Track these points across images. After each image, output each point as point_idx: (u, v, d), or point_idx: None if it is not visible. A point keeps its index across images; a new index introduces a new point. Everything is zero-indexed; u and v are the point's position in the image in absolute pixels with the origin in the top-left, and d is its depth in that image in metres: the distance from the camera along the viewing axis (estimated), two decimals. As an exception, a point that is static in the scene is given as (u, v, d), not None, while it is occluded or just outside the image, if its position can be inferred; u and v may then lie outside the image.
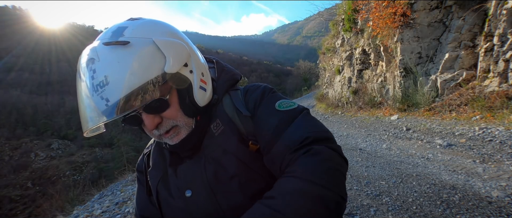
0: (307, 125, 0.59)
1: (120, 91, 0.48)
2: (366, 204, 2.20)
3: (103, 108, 0.49)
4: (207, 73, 0.67)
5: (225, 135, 0.64)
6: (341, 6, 8.38)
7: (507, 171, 2.16)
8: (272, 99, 0.65)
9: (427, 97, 4.49)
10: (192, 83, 0.60)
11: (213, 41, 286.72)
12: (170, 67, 0.53)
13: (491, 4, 3.62)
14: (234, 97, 0.69)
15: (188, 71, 0.60)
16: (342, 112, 7.53)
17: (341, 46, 8.32)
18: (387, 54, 5.62)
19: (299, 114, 0.62)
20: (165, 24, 0.62)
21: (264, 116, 0.63)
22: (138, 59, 0.50)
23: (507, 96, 3.23)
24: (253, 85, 0.72)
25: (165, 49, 0.54)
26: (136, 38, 0.52)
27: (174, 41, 0.57)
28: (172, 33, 0.60)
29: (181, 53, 0.58)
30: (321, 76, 12.19)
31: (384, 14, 5.06)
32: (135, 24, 0.56)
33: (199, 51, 0.70)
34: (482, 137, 2.92)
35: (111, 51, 0.50)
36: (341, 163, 0.54)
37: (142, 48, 0.52)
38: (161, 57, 0.53)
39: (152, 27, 0.57)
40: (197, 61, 0.63)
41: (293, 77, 47.52)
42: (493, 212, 1.72)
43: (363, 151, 3.65)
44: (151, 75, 0.51)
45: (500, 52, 3.39)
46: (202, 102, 0.63)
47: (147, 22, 0.59)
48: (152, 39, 0.53)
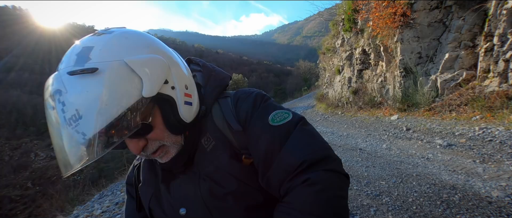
0: (303, 143, 0.54)
1: (95, 125, 0.43)
2: (366, 204, 2.20)
3: (82, 141, 0.44)
4: (192, 84, 0.61)
5: (216, 151, 0.60)
6: (341, 6, 8.38)
7: (507, 171, 2.16)
8: (265, 111, 0.60)
9: (427, 97, 4.49)
10: (175, 100, 0.54)
11: (213, 41, 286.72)
12: (149, 90, 0.48)
13: (491, 4, 3.62)
14: (224, 107, 0.64)
15: (170, 88, 0.53)
16: (342, 112, 7.53)
17: (341, 46, 8.32)
18: (387, 54, 5.62)
19: (294, 127, 0.57)
20: (137, 36, 0.54)
21: (257, 132, 0.58)
22: (110, 87, 0.44)
23: (507, 96, 3.23)
24: (244, 92, 0.66)
25: (140, 70, 0.48)
26: (105, 62, 0.46)
27: (149, 57, 0.51)
28: (146, 46, 0.53)
29: (160, 70, 0.51)
30: (321, 76, 12.19)
31: (384, 14, 5.06)
32: (102, 42, 0.49)
33: (180, 57, 0.63)
34: (482, 137, 2.92)
35: (78, 81, 0.44)
36: (341, 186, 0.52)
37: (114, 73, 0.45)
38: (136, 80, 0.47)
39: (122, 44, 0.50)
40: (178, 74, 0.56)
41: (293, 77, 47.55)
42: (493, 212, 1.72)
43: (363, 151, 3.65)
44: (127, 103, 0.46)
45: (500, 52, 3.39)
46: (189, 118, 0.58)
47: (116, 37, 0.51)
48: (124, 60, 0.47)
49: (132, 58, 0.48)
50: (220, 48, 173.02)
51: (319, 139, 0.57)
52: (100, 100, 0.43)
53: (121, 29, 0.54)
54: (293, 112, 0.61)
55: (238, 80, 22.55)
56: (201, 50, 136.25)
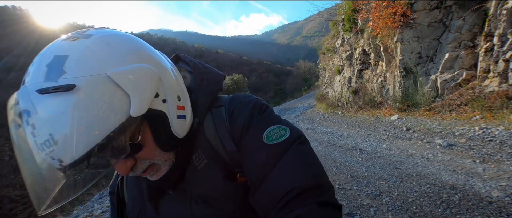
0: (296, 167, 0.49)
1: (74, 152, 0.37)
2: (366, 204, 2.20)
3: (58, 166, 0.38)
4: (184, 93, 0.54)
5: (209, 171, 0.55)
6: (341, 6, 8.38)
7: (507, 171, 2.16)
8: (260, 126, 0.54)
9: (427, 97, 4.49)
10: (167, 115, 0.48)
11: (213, 41, 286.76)
12: (138, 109, 0.41)
13: (491, 4, 3.62)
14: (217, 119, 0.57)
15: (161, 102, 0.47)
16: (342, 112, 7.53)
17: (341, 46, 8.32)
18: (387, 54, 5.62)
19: (290, 147, 0.51)
20: (120, 40, 0.45)
21: (250, 151, 0.53)
22: (92, 107, 0.37)
23: (507, 96, 3.23)
24: (240, 102, 0.59)
25: (126, 85, 0.40)
26: (84, 77, 0.38)
27: (136, 67, 0.43)
28: (131, 53, 0.45)
29: (149, 82, 0.44)
30: (321, 76, 12.19)
31: (384, 14, 5.05)
32: (79, 49, 0.40)
33: (168, 60, 0.55)
34: (482, 137, 2.92)
35: (51, 101, 0.36)
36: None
37: (95, 90, 0.38)
38: (123, 97, 0.40)
39: (103, 52, 0.41)
40: (170, 84, 0.49)
41: (293, 77, 47.54)
42: (493, 212, 1.72)
43: (363, 151, 3.65)
44: (113, 125, 0.39)
45: (500, 52, 3.39)
46: (182, 133, 0.52)
47: (96, 43, 0.42)
48: (106, 73, 0.39)
49: (116, 69, 0.40)
50: (220, 48, 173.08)
51: (314, 163, 0.52)
52: (80, 123, 0.36)
53: (100, 32, 0.46)
54: (291, 127, 0.55)
55: (238, 80, 22.53)
56: (201, 50, 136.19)
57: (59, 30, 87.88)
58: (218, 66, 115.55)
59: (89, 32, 0.45)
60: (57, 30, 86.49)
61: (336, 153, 3.81)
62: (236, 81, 22.24)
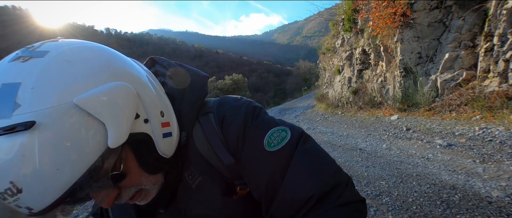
0: (307, 172, 0.45)
1: (44, 198, 0.32)
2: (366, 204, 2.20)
3: (27, 213, 0.33)
4: (167, 106, 0.48)
5: (205, 189, 0.50)
6: (341, 6, 8.38)
7: (507, 171, 2.16)
8: (258, 133, 0.49)
9: (427, 97, 4.49)
10: (151, 135, 0.42)
11: (213, 41, 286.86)
12: (116, 138, 0.35)
13: (491, 4, 3.62)
14: (207, 129, 0.51)
15: (142, 123, 0.41)
16: (342, 112, 7.53)
17: (341, 46, 8.32)
18: (387, 54, 5.62)
19: (295, 149, 0.47)
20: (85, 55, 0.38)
21: (253, 163, 0.48)
22: (59, 146, 0.31)
23: (507, 96, 3.23)
24: (230, 107, 0.52)
25: (99, 111, 0.34)
26: (44, 111, 0.31)
27: (109, 88, 0.35)
28: (101, 70, 0.37)
29: (127, 103, 0.37)
30: (321, 76, 12.19)
31: (384, 14, 5.05)
32: (34, 73, 0.33)
33: (143, 69, 0.48)
34: (482, 137, 2.92)
35: (6, 143, 0.30)
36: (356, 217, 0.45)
37: (61, 124, 0.31)
38: (96, 126, 0.34)
39: (65, 73, 0.34)
40: (150, 99, 0.43)
41: (293, 77, 47.57)
42: (493, 212, 1.72)
43: (363, 151, 3.65)
44: (88, 162, 0.33)
45: (500, 52, 3.39)
46: (170, 152, 0.47)
47: (54, 62, 0.34)
48: (72, 100, 0.32)
49: (84, 95, 0.33)
50: (220, 48, 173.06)
51: (325, 160, 0.48)
52: (46, 166, 0.30)
53: (58, 46, 0.37)
54: (290, 126, 0.51)
55: (238, 80, 22.54)
56: (201, 50, 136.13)
57: (59, 30, 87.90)
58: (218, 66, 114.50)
59: (45, 47, 0.36)
60: (57, 30, 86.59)
61: (336, 153, 3.81)
62: (236, 81, 22.25)
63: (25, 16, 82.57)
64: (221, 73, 56.17)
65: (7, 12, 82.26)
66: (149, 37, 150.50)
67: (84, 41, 0.42)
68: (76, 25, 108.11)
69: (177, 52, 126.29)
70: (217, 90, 20.82)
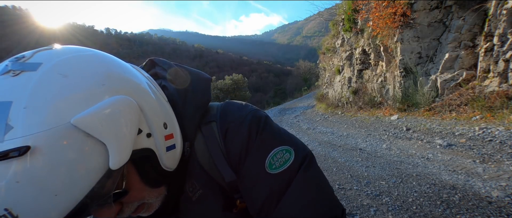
0: (305, 200, 0.44)
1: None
2: (366, 204, 2.20)
3: None
4: (171, 117, 0.45)
5: (205, 203, 0.49)
6: (341, 6, 8.38)
7: (507, 171, 2.16)
8: (262, 151, 0.47)
9: (427, 97, 4.49)
10: (154, 150, 0.40)
11: (213, 41, 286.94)
12: (118, 159, 0.33)
13: (491, 4, 3.62)
14: (209, 140, 0.49)
15: (145, 138, 0.38)
16: (342, 112, 7.53)
17: (341, 46, 8.32)
18: (387, 54, 5.62)
19: (296, 174, 0.45)
20: (82, 66, 0.35)
21: (252, 181, 0.46)
22: (56, 171, 0.29)
23: (507, 96, 3.23)
24: (234, 119, 0.49)
25: (99, 131, 0.31)
26: (40, 134, 0.28)
27: (110, 103, 0.33)
28: (100, 83, 0.34)
29: (129, 119, 0.35)
30: (321, 76, 12.19)
31: (384, 14, 5.05)
32: (26, 90, 0.30)
33: (145, 75, 0.46)
34: (482, 137, 2.92)
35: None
36: None
37: (57, 148, 0.29)
38: (96, 147, 0.31)
39: (60, 89, 0.31)
40: (153, 111, 0.40)
41: (293, 77, 47.58)
42: (493, 212, 1.72)
43: (363, 151, 3.65)
44: (88, 185, 0.31)
45: (500, 52, 3.39)
46: (174, 165, 0.45)
47: (48, 76, 0.31)
48: (70, 121, 0.30)
49: (83, 114, 0.30)
50: (220, 48, 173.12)
51: (323, 192, 0.46)
52: (44, 191, 0.29)
53: (52, 57, 0.34)
54: (295, 146, 0.48)
55: (238, 80, 22.53)
56: (201, 50, 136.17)
57: (59, 30, 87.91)
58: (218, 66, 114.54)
59: (37, 58, 0.33)
60: (57, 30, 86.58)
61: (336, 153, 3.81)
62: (236, 81, 22.24)
63: (25, 16, 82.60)
64: (221, 73, 56.18)
65: (7, 12, 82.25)
66: (149, 37, 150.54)
67: (79, 48, 0.38)
68: (76, 25, 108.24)
69: (177, 52, 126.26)
70: (217, 90, 20.82)
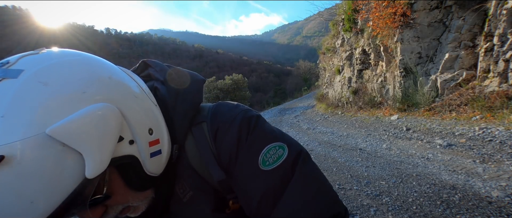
0: (304, 199, 0.43)
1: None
2: (366, 204, 2.20)
3: None
4: (158, 122, 0.45)
5: (195, 204, 0.49)
6: (341, 6, 8.38)
7: (507, 171, 2.16)
8: (253, 149, 0.46)
9: (427, 97, 4.49)
10: (137, 157, 0.40)
11: (213, 41, 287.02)
12: (94, 169, 0.32)
13: (491, 4, 3.62)
14: (199, 140, 0.48)
15: (127, 145, 0.38)
16: (342, 112, 7.53)
17: (341, 46, 8.32)
18: (387, 54, 5.62)
19: (292, 172, 0.45)
20: (64, 73, 0.34)
21: (245, 179, 0.45)
22: (31, 180, 0.29)
23: (507, 96, 3.23)
24: (224, 119, 0.49)
25: (75, 140, 0.31)
26: (15, 144, 0.28)
27: (87, 113, 0.33)
28: (80, 90, 0.34)
29: (108, 127, 0.34)
30: (321, 76, 12.19)
31: (384, 14, 5.05)
32: (4, 100, 0.30)
33: (133, 77, 0.45)
34: (482, 137, 2.92)
35: None
36: None
37: (33, 157, 0.29)
38: (73, 156, 0.31)
39: (39, 99, 0.31)
40: (137, 117, 0.40)
41: (293, 77, 47.59)
42: (493, 212, 1.72)
43: (363, 151, 3.65)
44: (64, 194, 0.31)
45: (500, 52, 3.39)
46: (159, 170, 0.45)
47: (27, 85, 0.31)
48: (45, 131, 0.30)
49: (58, 124, 0.30)
50: (220, 48, 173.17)
51: (323, 188, 0.45)
52: (20, 199, 0.29)
53: (35, 63, 0.34)
54: (288, 142, 0.48)
55: (238, 80, 22.52)
56: (201, 50, 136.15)
57: (59, 30, 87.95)
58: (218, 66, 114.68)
59: (20, 64, 0.33)
60: (57, 30, 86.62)
61: (336, 153, 3.81)
62: (236, 81, 22.23)
63: (25, 16, 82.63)
64: (221, 73, 56.19)
65: (7, 12, 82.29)
66: (149, 37, 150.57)
67: (65, 53, 0.38)
68: (76, 25, 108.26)
69: (177, 52, 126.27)
70: (217, 90, 20.80)
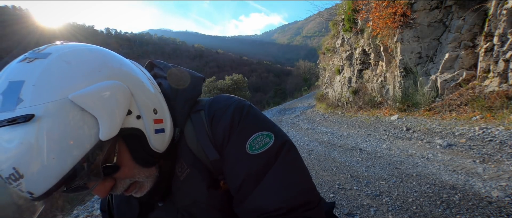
0: (282, 184, 0.47)
1: (43, 184, 0.36)
2: (366, 204, 2.20)
3: (30, 197, 0.37)
4: (161, 104, 0.51)
5: (192, 180, 0.53)
6: (341, 6, 8.38)
7: (507, 171, 2.16)
8: (243, 134, 0.51)
9: (427, 97, 4.49)
10: (143, 131, 0.45)
11: (213, 41, 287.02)
12: (107, 132, 0.39)
13: (491, 4, 3.62)
14: (197, 126, 0.54)
15: (135, 119, 0.44)
16: (342, 112, 7.53)
17: (341, 46, 8.32)
18: (387, 54, 5.62)
19: (275, 158, 0.49)
20: (83, 56, 0.42)
21: (233, 161, 0.50)
22: (55, 136, 0.35)
23: (507, 96, 3.23)
24: (220, 106, 0.55)
25: (92, 107, 0.38)
26: (43, 105, 0.35)
27: (103, 86, 0.40)
28: (96, 69, 0.41)
29: (119, 100, 0.41)
30: (321, 76, 12.19)
31: (384, 14, 5.05)
32: (36, 72, 0.37)
33: (141, 69, 0.53)
34: (482, 137, 2.92)
35: (9, 133, 0.34)
36: None
37: (57, 117, 0.35)
38: (90, 121, 0.38)
39: (63, 73, 0.38)
40: (144, 97, 0.47)
41: (293, 77, 47.59)
42: (493, 212, 1.72)
43: (363, 151, 3.65)
44: (81, 153, 0.37)
45: (500, 52, 3.39)
46: (162, 147, 0.50)
47: (55, 63, 0.39)
48: (68, 96, 0.36)
49: (79, 92, 0.37)
50: (220, 48, 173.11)
51: (301, 176, 0.50)
52: (44, 154, 0.34)
53: (60, 49, 0.42)
54: (276, 132, 0.53)
55: (238, 80, 22.51)
56: (201, 50, 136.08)
57: (59, 30, 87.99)
58: (218, 66, 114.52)
59: (48, 50, 0.41)
60: (57, 30, 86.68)
61: (336, 153, 3.81)
62: (236, 81, 22.23)
63: (25, 16, 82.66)
64: (221, 73, 56.17)
65: (7, 12, 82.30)
66: (149, 37, 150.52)
67: (85, 44, 0.46)
68: (76, 25, 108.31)
69: (177, 52, 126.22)
70: (217, 90, 20.78)
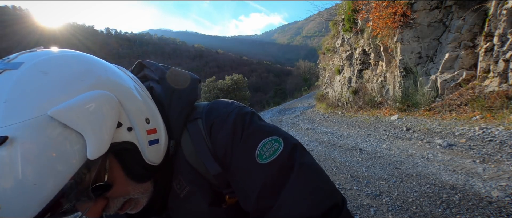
0: (305, 191, 0.43)
1: (25, 213, 0.31)
2: (366, 204, 2.20)
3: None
4: (153, 112, 0.46)
5: (192, 199, 0.49)
6: (341, 6, 8.38)
7: (507, 171, 2.16)
8: (249, 143, 0.46)
9: (427, 97, 4.49)
10: (136, 144, 0.41)
11: (213, 41, 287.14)
12: (96, 150, 0.34)
13: (491, 4, 3.62)
14: (195, 136, 0.49)
15: (126, 131, 0.39)
16: (342, 112, 7.53)
17: (341, 46, 8.32)
18: (387, 54, 5.62)
19: (290, 163, 0.45)
20: (61, 64, 0.36)
21: (243, 174, 0.45)
22: (34, 159, 0.30)
23: (507, 96, 3.23)
24: (219, 114, 0.50)
25: (76, 122, 0.32)
26: (17, 125, 0.30)
27: (87, 97, 0.34)
28: (79, 78, 0.36)
29: (107, 112, 0.36)
30: (321, 76, 12.19)
31: (384, 14, 5.05)
32: (6, 87, 0.32)
33: (128, 74, 0.47)
34: (482, 137, 2.92)
35: None
36: None
37: (35, 138, 0.30)
38: (75, 138, 0.32)
39: (40, 84, 0.33)
40: (134, 106, 0.42)
41: (293, 77, 47.61)
42: (493, 212, 1.72)
43: (363, 151, 3.65)
44: (67, 175, 0.32)
45: (500, 52, 3.39)
46: (158, 159, 0.46)
47: (28, 73, 0.33)
48: (47, 113, 0.31)
49: (60, 107, 0.32)
50: (220, 48, 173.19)
51: (322, 178, 0.46)
52: (22, 181, 0.29)
53: (34, 56, 0.36)
54: (283, 136, 0.48)
55: (238, 80, 22.50)
56: (201, 50, 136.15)
57: (59, 30, 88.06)
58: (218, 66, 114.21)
59: (20, 58, 0.35)
60: (57, 30, 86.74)
61: (336, 153, 3.81)
62: (236, 81, 22.22)
63: (25, 16, 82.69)
64: (221, 73, 56.20)
65: (7, 12, 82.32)
66: (149, 37, 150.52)
67: (63, 50, 0.40)
68: (76, 25, 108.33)
69: (177, 52, 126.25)
70: (217, 90, 20.78)
